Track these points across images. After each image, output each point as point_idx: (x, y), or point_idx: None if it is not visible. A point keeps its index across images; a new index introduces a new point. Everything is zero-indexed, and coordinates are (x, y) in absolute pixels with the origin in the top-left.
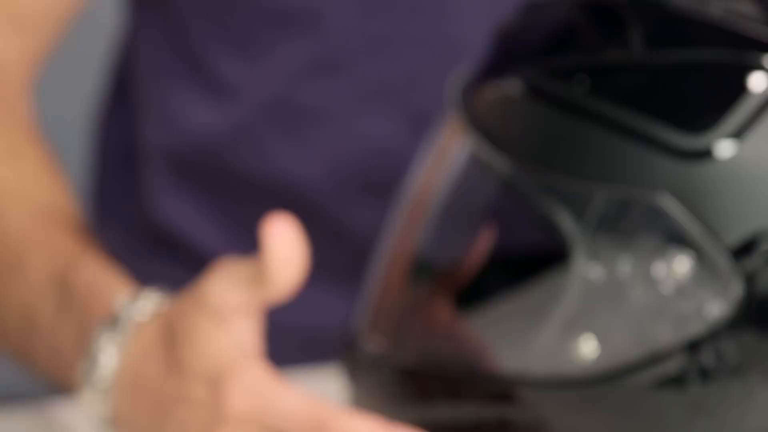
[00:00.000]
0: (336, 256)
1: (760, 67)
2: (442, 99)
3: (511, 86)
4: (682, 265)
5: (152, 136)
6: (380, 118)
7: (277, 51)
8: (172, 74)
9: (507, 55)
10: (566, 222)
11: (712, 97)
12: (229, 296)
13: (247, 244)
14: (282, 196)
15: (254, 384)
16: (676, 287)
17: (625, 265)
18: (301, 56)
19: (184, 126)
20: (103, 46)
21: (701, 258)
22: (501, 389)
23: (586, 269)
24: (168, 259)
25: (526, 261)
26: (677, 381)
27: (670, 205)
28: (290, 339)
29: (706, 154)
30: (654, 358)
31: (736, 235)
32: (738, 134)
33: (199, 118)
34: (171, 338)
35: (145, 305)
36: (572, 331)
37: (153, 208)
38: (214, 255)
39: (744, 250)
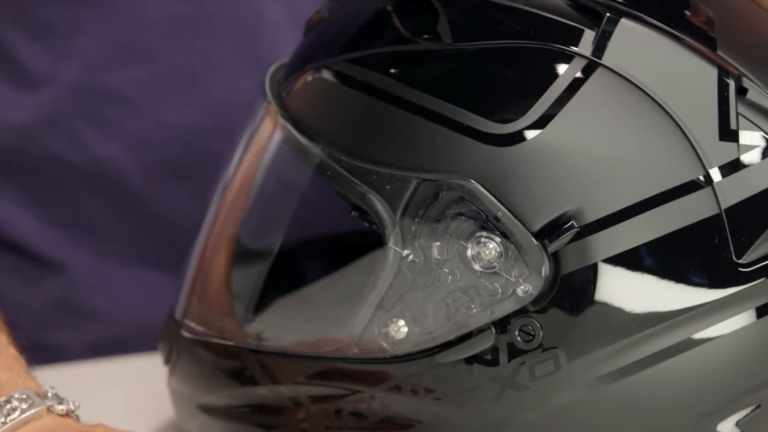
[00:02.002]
0: (155, 243)
1: (564, 54)
2: (246, 86)
3: (323, 75)
4: (491, 246)
5: None
6: (184, 106)
7: (77, 37)
8: None
9: (319, 44)
10: (379, 207)
11: (518, 84)
12: None
13: (69, 234)
14: (97, 185)
15: None
16: (486, 268)
17: (437, 248)
18: (101, 42)
19: None
20: None
21: (510, 239)
22: (318, 369)
23: (400, 252)
24: None
25: (341, 244)
26: (488, 357)
27: (479, 189)
28: (122, 327)
29: (512, 139)
30: (465, 336)
31: (542, 217)
32: (543, 120)
33: (7, 108)
34: None
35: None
36: (386, 312)
37: None
38: (37, 246)
39: (550, 231)
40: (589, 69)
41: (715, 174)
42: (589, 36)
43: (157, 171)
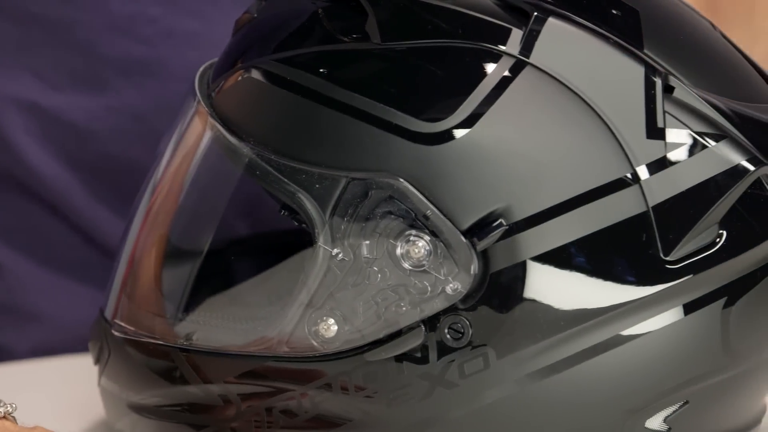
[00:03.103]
0: (96, 256)
1: (492, 53)
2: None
3: (252, 75)
4: (420, 245)
5: None
6: (131, 142)
7: (28, 56)
8: None
9: (248, 44)
10: (308, 206)
11: (446, 83)
12: None
13: (12, 240)
14: (39, 197)
15: None
16: (416, 266)
17: (366, 246)
18: (54, 64)
19: None
20: None
21: (439, 238)
22: (248, 368)
23: (329, 251)
24: None
25: (271, 244)
26: (417, 355)
27: (408, 188)
28: (65, 332)
29: (441, 138)
30: (394, 334)
31: (471, 215)
32: (471, 118)
33: None
34: None
35: None
36: (316, 310)
37: None
38: None
39: (479, 229)
40: (517, 68)
41: (643, 172)
42: (516, 35)
43: (100, 192)
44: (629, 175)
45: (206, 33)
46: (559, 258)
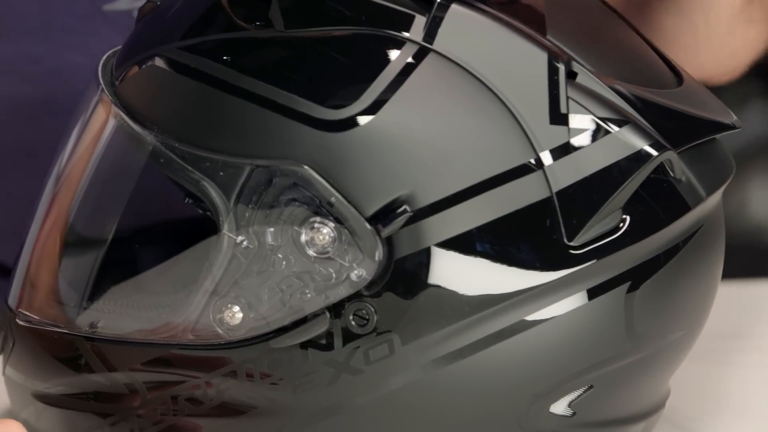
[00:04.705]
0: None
1: (395, 40)
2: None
3: (155, 63)
4: (325, 231)
5: None
6: (26, 177)
7: None
8: None
9: (151, 32)
10: (213, 194)
11: (350, 70)
12: None
13: None
14: None
15: None
16: (320, 253)
17: (271, 234)
18: None
19: None
20: None
21: (343, 225)
22: (153, 356)
23: (234, 238)
24: None
25: (176, 231)
26: (322, 342)
27: (312, 175)
28: None
29: (345, 125)
30: (300, 321)
31: (375, 202)
32: (375, 105)
33: None
34: None
35: None
36: (221, 298)
37: None
38: None
39: (383, 216)
40: (421, 54)
41: (546, 157)
42: (420, 21)
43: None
44: (533, 161)
45: (92, 65)
46: (464, 244)
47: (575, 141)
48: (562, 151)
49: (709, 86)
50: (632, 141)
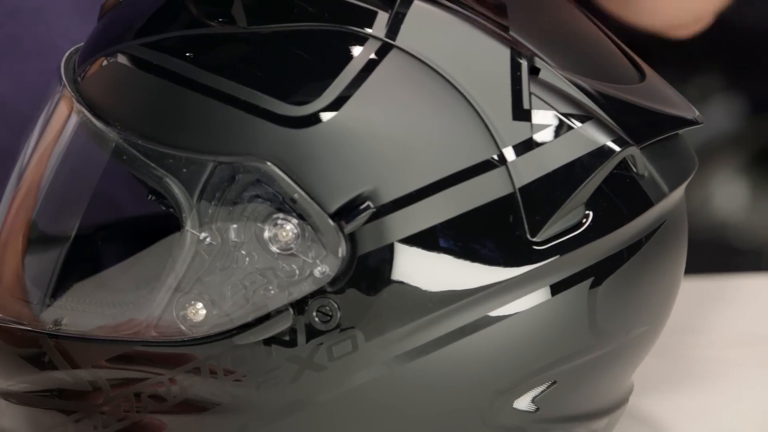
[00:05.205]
0: None
1: (358, 36)
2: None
3: (118, 59)
4: (288, 228)
5: None
6: None
7: None
8: None
9: (113, 28)
10: (176, 190)
11: (313, 66)
12: None
13: None
14: None
15: None
16: (284, 249)
17: (234, 230)
18: None
19: None
20: None
21: (306, 221)
22: (116, 352)
23: (197, 235)
24: None
25: (140, 228)
26: (286, 338)
27: (275, 171)
28: None
29: (307, 121)
30: (263, 317)
31: (338, 198)
32: (338, 101)
33: None
34: None
35: None
36: (184, 294)
37: None
38: None
39: (346, 212)
40: (383, 51)
41: (509, 153)
42: (383, 18)
43: None
44: (496, 157)
45: (51, 7)
46: (427, 240)
47: (538, 137)
48: (525, 147)
49: (673, 39)
50: (595, 137)
